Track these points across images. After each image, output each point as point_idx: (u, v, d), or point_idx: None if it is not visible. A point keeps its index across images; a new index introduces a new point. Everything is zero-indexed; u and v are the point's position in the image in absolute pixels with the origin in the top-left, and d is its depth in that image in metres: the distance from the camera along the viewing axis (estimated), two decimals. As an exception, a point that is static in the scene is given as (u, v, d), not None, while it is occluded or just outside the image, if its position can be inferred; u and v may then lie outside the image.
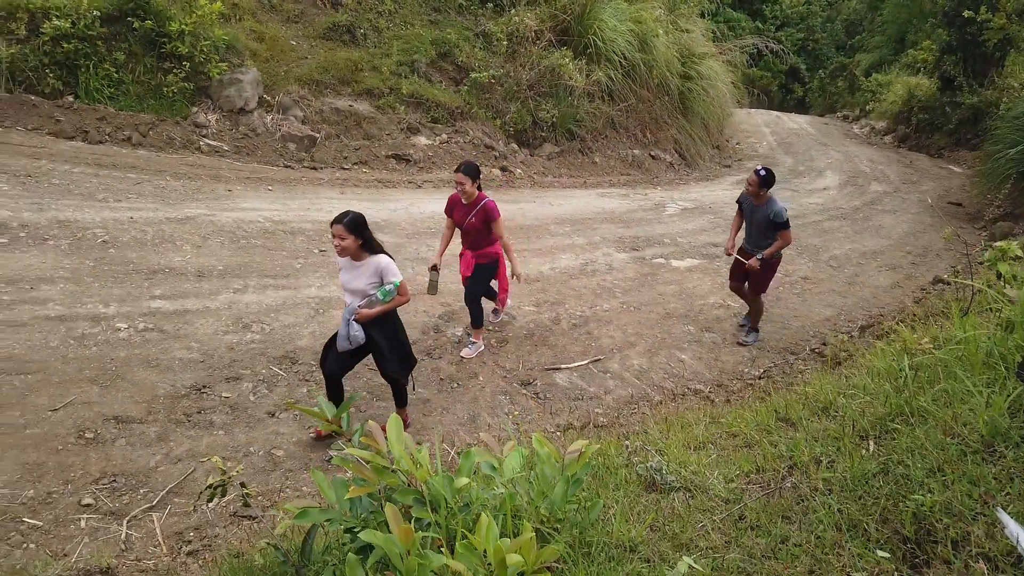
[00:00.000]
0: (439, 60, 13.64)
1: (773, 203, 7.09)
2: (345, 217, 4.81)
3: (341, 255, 4.95)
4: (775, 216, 7.04)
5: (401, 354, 5.38)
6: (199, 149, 10.87)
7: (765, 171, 6.99)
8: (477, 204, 6.45)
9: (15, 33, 10.22)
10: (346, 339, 5.05)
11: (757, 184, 7.01)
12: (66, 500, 4.64)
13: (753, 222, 7.33)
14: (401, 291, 5.11)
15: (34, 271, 6.86)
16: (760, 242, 7.32)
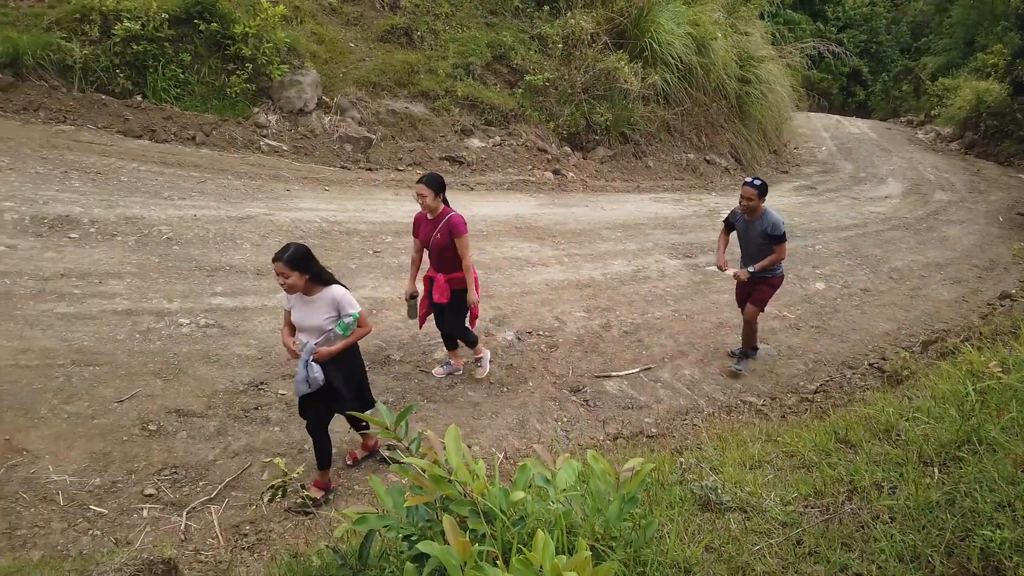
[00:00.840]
0: (494, 63, 13.70)
1: (768, 215, 6.55)
2: (285, 253, 4.36)
3: (289, 292, 4.56)
4: (772, 228, 6.51)
5: (359, 395, 4.97)
6: (260, 149, 11.13)
7: (759, 180, 6.50)
8: (442, 219, 5.84)
9: (88, 35, 10.63)
10: (304, 382, 4.60)
11: (755, 195, 6.42)
12: (130, 489, 4.81)
13: (750, 240, 6.75)
14: (361, 323, 4.72)
15: (103, 266, 7.13)
16: (759, 260, 6.74)
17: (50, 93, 10.44)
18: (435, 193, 5.70)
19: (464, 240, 5.87)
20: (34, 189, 8.19)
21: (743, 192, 6.48)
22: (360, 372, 5.00)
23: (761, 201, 6.45)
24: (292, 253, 4.36)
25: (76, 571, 3.19)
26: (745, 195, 6.45)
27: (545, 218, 10.66)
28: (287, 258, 4.33)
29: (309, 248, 4.48)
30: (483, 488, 2.52)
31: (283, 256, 4.34)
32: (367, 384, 5.12)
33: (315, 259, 4.50)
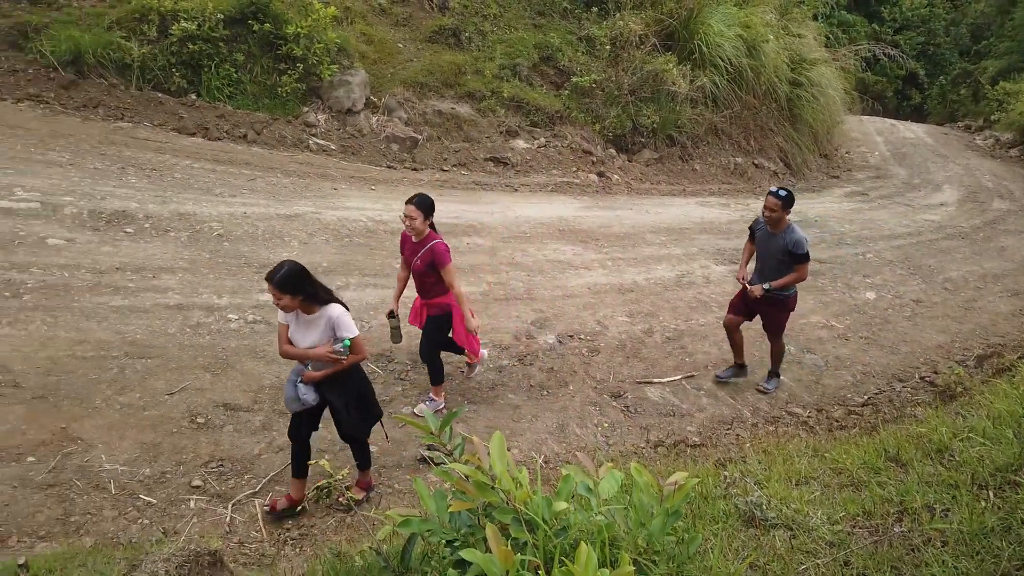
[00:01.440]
0: (541, 64, 13.69)
1: (793, 231, 6.13)
2: (277, 274, 4.09)
3: (284, 312, 4.33)
4: (795, 246, 6.07)
5: (361, 411, 4.72)
6: (308, 148, 11.31)
7: (785, 191, 6.05)
8: (425, 244, 5.50)
9: (147, 34, 10.93)
10: (295, 401, 4.47)
11: (779, 207, 5.99)
12: (178, 480, 4.93)
13: (768, 253, 6.33)
14: (355, 349, 4.42)
15: (156, 260, 7.32)
16: (776, 278, 6.33)
17: (109, 91, 10.76)
18: (424, 216, 5.40)
19: (449, 270, 5.53)
20: (92, 184, 8.45)
21: (766, 203, 6.08)
22: (360, 386, 4.73)
23: (786, 213, 6.06)
24: (283, 276, 4.08)
25: (127, 559, 3.28)
26: (768, 206, 6.06)
27: (589, 221, 10.62)
28: (277, 280, 4.07)
29: (303, 267, 4.21)
30: (526, 497, 2.52)
31: (274, 278, 4.09)
32: (371, 397, 4.83)
33: (310, 278, 4.25)
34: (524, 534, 2.46)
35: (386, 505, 4.97)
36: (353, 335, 4.39)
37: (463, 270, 8.40)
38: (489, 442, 2.68)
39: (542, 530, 2.49)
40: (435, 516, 2.59)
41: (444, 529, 2.55)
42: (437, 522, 2.57)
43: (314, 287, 4.27)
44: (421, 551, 2.73)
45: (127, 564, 3.22)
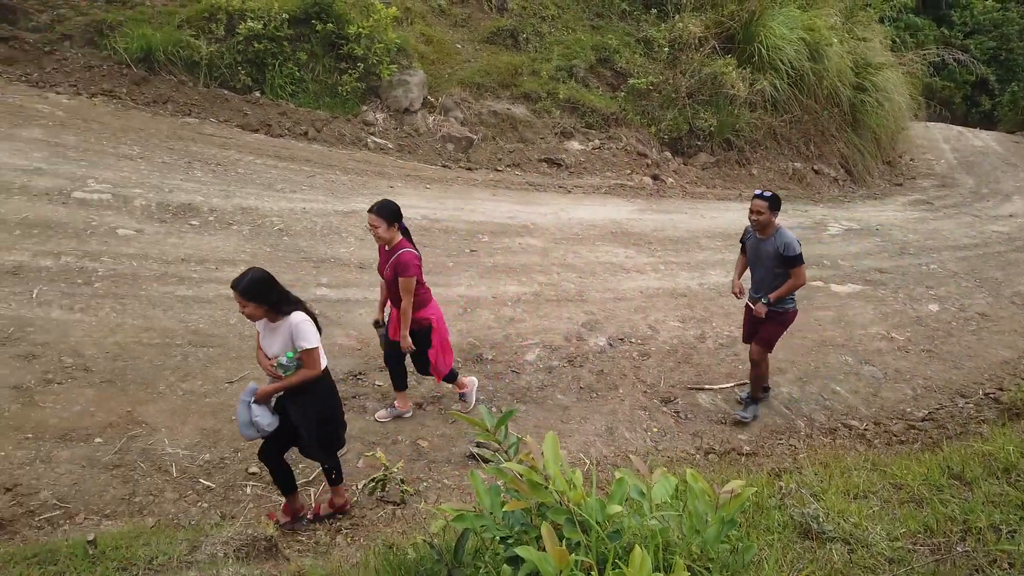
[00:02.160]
0: (598, 65, 13.64)
1: (782, 233, 5.76)
2: (241, 282, 3.92)
3: (251, 320, 4.19)
4: (785, 248, 5.68)
5: (322, 438, 4.43)
6: (366, 146, 11.50)
7: (771, 192, 5.73)
8: (395, 252, 5.15)
9: (215, 33, 11.26)
10: (248, 426, 4.11)
11: (766, 208, 5.64)
12: (236, 467, 5.09)
13: (760, 262, 5.93)
14: (307, 362, 4.12)
15: (219, 253, 7.54)
16: (772, 287, 5.93)
17: (178, 87, 11.12)
18: (387, 223, 5.02)
19: (407, 283, 5.09)
20: (161, 178, 8.75)
21: (752, 205, 5.72)
22: (321, 406, 4.37)
23: (773, 215, 5.70)
24: (248, 283, 3.92)
25: (188, 540, 3.40)
26: (754, 208, 5.69)
27: (642, 224, 10.54)
28: (242, 288, 3.92)
29: (268, 275, 4.04)
30: (580, 498, 2.53)
31: (239, 285, 3.94)
32: (333, 421, 4.50)
33: (276, 286, 4.05)
34: (578, 535, 2.47)
35: (436, 499, 5.03)
36: (310, 346, 4.09)
37: (515, 270, 8.44)
38: (543, 443, 2.70)
39: (595, 532, 2.50)
40: (489, 512, 2.62)
41: (497, 526, 2.58)
42: (491, 518, 2.60)
43: (279, 295, 4.07)
44: (473, 546, 2.77)
45: (188, 545, 3.34)
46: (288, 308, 4.11)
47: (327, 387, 4.40)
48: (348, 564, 3.19)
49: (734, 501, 2.67)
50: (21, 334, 5.73)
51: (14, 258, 6.67)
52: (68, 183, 8.07)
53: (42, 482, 4.53)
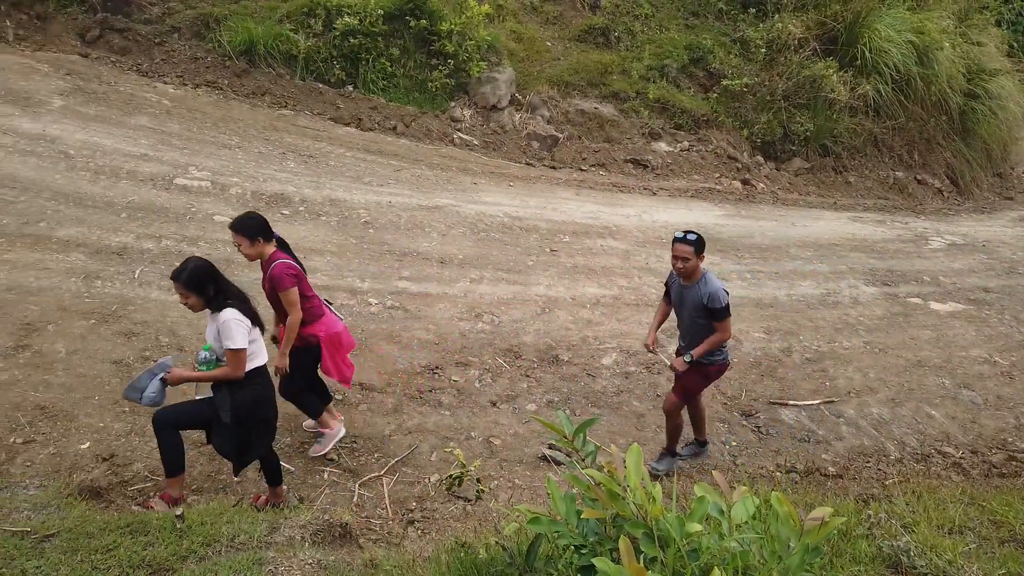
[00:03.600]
0: (690, 65, 13.33)
1: (708, 281, 4.99)
2: (182, 273, 3.85)
3: (193, 311, 4.10)
4: (710, 299, 4.92)
5: (240, 435, 4.13)
6: (452, 142, 11.61)
7: (695, 234, 4.89)
8: (268, 266, 4.71)
9: (313, 28, 11.60)
10: (134, 390, 3.94)
11: (692, 253, 4.84)
12: (315, 453, 5.21)
13: (683, 310, 5.21)
14: (231, 363, 3.95)
15: (308, 242, 7.75)
16: (699, 341, 5.15)
17: (276, 80, 11.51)
18: (250, 239, 4.55)
19: (288, 296, 4.63)
20: (256, 167, 9.08)
21: (674, 250, 4.92)
22: (248, 412, 4.11)
23: (699, 260, 4.92)
24: (188, 274, 3.84)
25: (268, 522, 3.50)
26: (678, 253, 4.90)
27: (729, 230, 10.24)
28: (184, 279, 3.84)
29: (210, 265, 3.99)
30: (659, 513, 2.45)
31: (180, 276, 3.88)
32: (259, 430, 4.24)
33: (215, 279, 3.94)
34: (655, 551, 2.39)
35: (507, 499, 5.02)
36: (234, 347, 3.91)
37: (595, 272, 8.35)
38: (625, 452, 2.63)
39: (673, 549, 2.42)
40: (564, 519, 2.58)
41: (572, 533, 2.53)
42: (565, 526, 2.56)
43: (216, 288, 3.93)
44: (545, 552, 2.73)
45: (268, 526, 3.44)
46: (221, 303, 3.96)
47: (255, 390, 4.15)
48: (420, 558, 3.21)
49: (821, 529, 2.53)
50: (123, 312, 6.05)
51: (120, 239, 7.04)
52: (171, 169, 8.47)
53: (136, 454, 4.76)
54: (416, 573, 2.89)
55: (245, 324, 4.00)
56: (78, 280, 6.36)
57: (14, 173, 7.67)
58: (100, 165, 8.19)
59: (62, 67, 10.26)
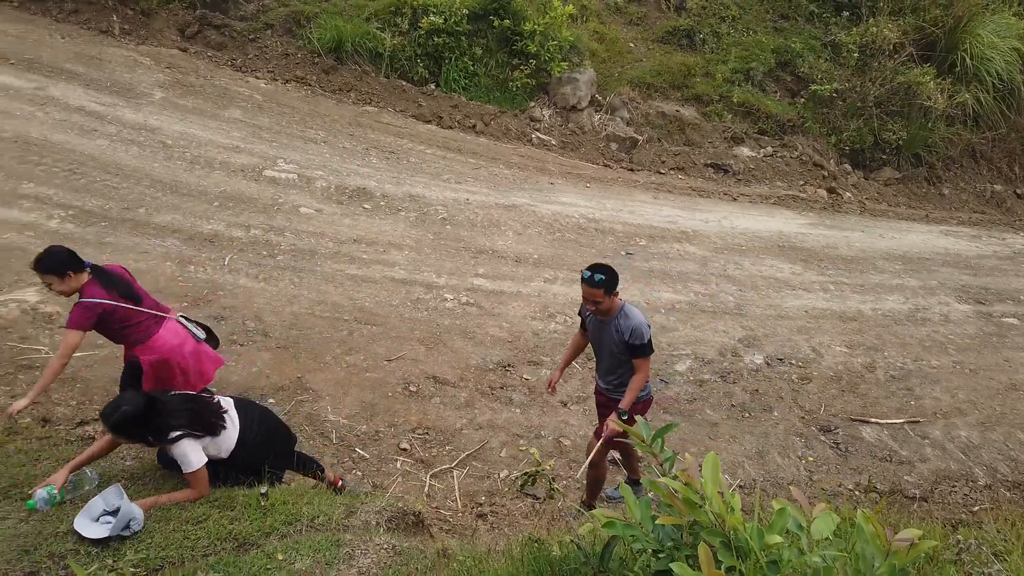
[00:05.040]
0: (777, 69, 12.97)
1: (628, 314, 4.39)
2: (109, 417, 3.40)
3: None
4: (632, 335, 4.32)
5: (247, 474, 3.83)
6: (530, 141, 11.65)
7: (602, 273, 4.24)
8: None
9: (399, 26, 11.83)
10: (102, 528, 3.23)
11: (603, 295, 4.22)
12: (389, 441, 5.34)
13: (601, 345, 4.62)
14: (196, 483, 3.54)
15: (387, 237, 7.93)
16: (617, 376, 4.62)
17: (361, 77, 11.79)
18: (60, 276, 4.14)
19: (66, 334, 4.16)
20: (340, 162, 9.34)
21: (584, 292, 4.31)
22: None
23: (611, 298, 4.30)
24: (115, 421, 3.40)
25: (345, 505, 3.60)
26: (586, 296, 4.31)
27: (812, 239, 9.93)
28: (111, 425, 3.43)
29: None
30: (737, 523, 2.41)
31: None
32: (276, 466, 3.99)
33: (147, 416, 3.45)
34: (733, 560, 2.36)
35: (574, 499, 5.02)
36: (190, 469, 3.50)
37: (671, 277, 8.24)
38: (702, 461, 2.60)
39: (753, 559, 2.38)
40: (639, 524, 2.56)
41: (647, 538, 2.52)
42: (641, 530, 2.54)
43: (145, 431, 3.51)
44: (619, 555, 2.72)
45: (345, 510, 3.54)
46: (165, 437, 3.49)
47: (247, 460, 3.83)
48: (492, 550, 3.25)
49: (910, 551, 2.44)
50: (214, 297, 6.33)
51: (212, 227, 7.37)
52: (260, 162, 8.80)
53: (222, 433, 4.97)
54: (489, 565, 2.93)
55: (197, 442, 3.54)
56: (173, 264, 6.68)
57: (118, 161, 8.12)
58: (195, 155, 8.59)
59: (163, 61, 10.78)
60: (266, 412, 4.17)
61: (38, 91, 9.10)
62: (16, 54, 9.79)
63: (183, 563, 3.02)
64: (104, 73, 9.93)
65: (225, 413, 3.73)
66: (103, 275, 4.32)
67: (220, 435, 3.66)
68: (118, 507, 3.17)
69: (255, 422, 3.89)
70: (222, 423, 3.67)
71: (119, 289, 4.30)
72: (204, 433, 3.56)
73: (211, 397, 3.79)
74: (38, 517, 3.22)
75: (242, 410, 3.87)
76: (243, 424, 3.80)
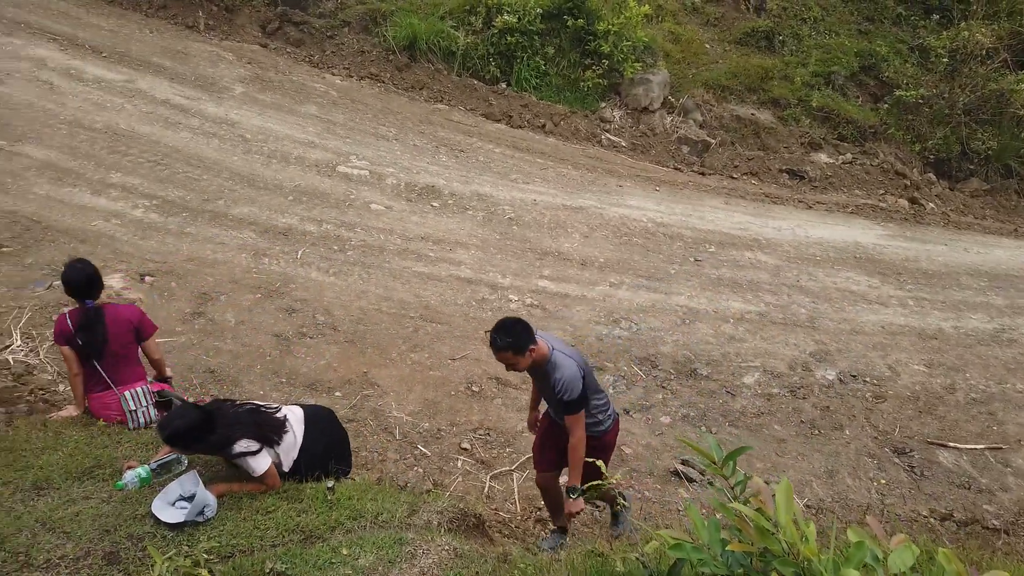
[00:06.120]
0: (860, 73, 12.52)
1: (557, 368, 3.84)
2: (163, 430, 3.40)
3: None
4: (561, 391, 3.82)
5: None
6: (599, 143, 11.55)
7: (506, 332, 3.73)
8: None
9: (473, 25, 11.90)
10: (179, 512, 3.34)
11: (512, 357, 3.76)
12: (450, 440, 5.38)
13: (546, 390, 4.05)
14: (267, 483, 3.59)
15: (454, 235, 7.98)
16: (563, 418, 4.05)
17: (434, 75, 11.91)
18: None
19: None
20: (411, 159, 9.45)
21: (495, 356, 3.85)
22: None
23: (526, 355, 3.76)
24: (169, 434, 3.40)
25: (408, 503, 3.64)
26: (499, 360, 3.85)
27: (891, 251, 9.53)
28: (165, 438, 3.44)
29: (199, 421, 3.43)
30: (813, 554, 2.33)
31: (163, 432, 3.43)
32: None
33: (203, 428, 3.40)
34: (806, 593, 2.28)
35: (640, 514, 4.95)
36: (256, 475, 3.53)
37: (741, 286, 8.05)
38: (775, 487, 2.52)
39: (827, 595, 2.30)
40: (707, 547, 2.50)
41: (716, 563, 2.46)
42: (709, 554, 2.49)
43: (204, 441, 3.44)
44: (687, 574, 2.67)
45: (408, 508, 3.57)
46: (225, 445, 3.49)
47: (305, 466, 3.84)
48: (554, 559, 3.23)
49: (998, 596, 2.32)
50: (286, 289, 6.49)
51: (286, 221, 7.56)
52: (334, 157, 8.99)
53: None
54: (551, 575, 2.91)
55: (257, 448, 3.52)
56: (248, 256, 6.89)
57: (199, 153, 8.41)
58: (272, 150, 8.82)
59: (244, 56, 11.12)
60: (332, 421, 4.12)
61: (127, 84, 9.51)
62: (109, 48, 10.25)
63: (252, 552, 3.10)
64: (189, 67, 10.31)
65: (287, 426, 3.71)
66: (91, 314, 4.11)
67: (280, 446, 3.64)
68: (194, 493, 3.29)
69: (321, 432, 3.91)
70: (278, 438, 3.64)
71: (87, 335, 4.09)
72: (263, 445, 3.53)
73: (276, 410, 3.77)
74: (119, 498, 3.36)
75: (310, 421, 3.87)
76: (307, 437, 3.79)
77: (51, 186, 7.33)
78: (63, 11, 10.96)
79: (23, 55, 9.56)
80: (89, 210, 7.12)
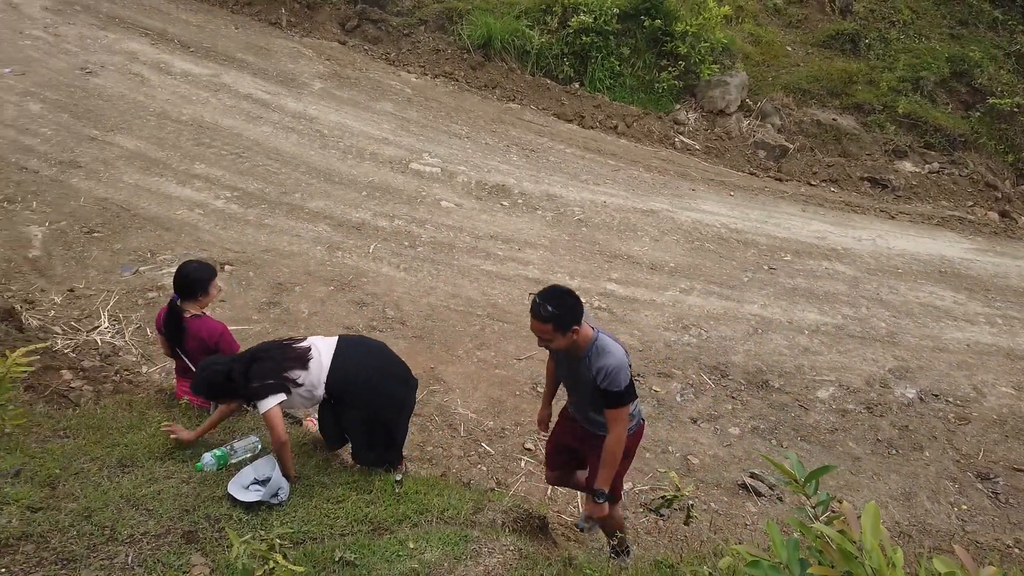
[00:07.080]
0: (951, 79, 11.95)
1: (602, 353, 3.39)
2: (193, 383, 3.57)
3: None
4: (605, 379, 3.36)
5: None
6: (673, 145, 11.36)
7: (554, 300, 3.30)
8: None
9: (548, 25, 11.87)
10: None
11: (550, 331, 3.32)
12: (514, 439, 5.37)
13: (576, 384, 3.69)
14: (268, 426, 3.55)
15: (523, 235, 7.98)
16: (593, 413, 3.67)
17: (507, 74, 11.93)
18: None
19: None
20: (482, 158, 9.49)
21: (531, 325, 3.43)
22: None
23: (567, 334, 3.34)
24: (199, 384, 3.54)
25: (473, 501, 3.64)
26: (535, 331, 3.42)
27: (979, 266, 9.07)
28: (198, 391, 3.62)
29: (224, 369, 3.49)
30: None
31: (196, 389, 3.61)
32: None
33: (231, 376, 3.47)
34: (892, 623, 2.18)
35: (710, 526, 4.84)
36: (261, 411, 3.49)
37: (817, 297, 7.78)
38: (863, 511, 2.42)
39: (914, 626, 2.19)
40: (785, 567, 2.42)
41: (793, 583, 2.37)
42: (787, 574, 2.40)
43: (233, 390, 3.52)
44: (759, 595, 2.58)
45: (473, 505, 3.58)
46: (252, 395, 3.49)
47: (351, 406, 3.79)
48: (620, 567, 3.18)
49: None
50: (357, 283, 6.60)
51: (359, 215, 7.69)
52: (407, 154, 9.10)
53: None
54: (617, 585, 2.87)
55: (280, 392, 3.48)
56: (322, 249, 7.04)
57: (279, 147, 8.64)
58: (348, 145, 9.00)
59: (323, 53, 11.38)
60: (380, 350, 3.92)
61: (213, 78, 9.85)
62: (196, 43, 10.64)
63: (323, 540, 3.16)
64: (270, 63, 10.61)
65: (311, 353, 3.61)
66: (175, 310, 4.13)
67: (309, 375, 3.54)
68: (268, 477, 3.38)
69: (358, 355, 3.76)
70: (303, 366, 3.55)
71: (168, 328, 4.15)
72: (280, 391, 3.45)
73: (301, 339, 3.72)
74: (198, 479, 3.47)
75: (343, 346, 3.72)
76: (337, 360, 3.63)
77: (139, 175, 7.66)
78: (154, 7, 11.44)
79: (117, 49, 10.02)
80: (174, 199, 7.40)
